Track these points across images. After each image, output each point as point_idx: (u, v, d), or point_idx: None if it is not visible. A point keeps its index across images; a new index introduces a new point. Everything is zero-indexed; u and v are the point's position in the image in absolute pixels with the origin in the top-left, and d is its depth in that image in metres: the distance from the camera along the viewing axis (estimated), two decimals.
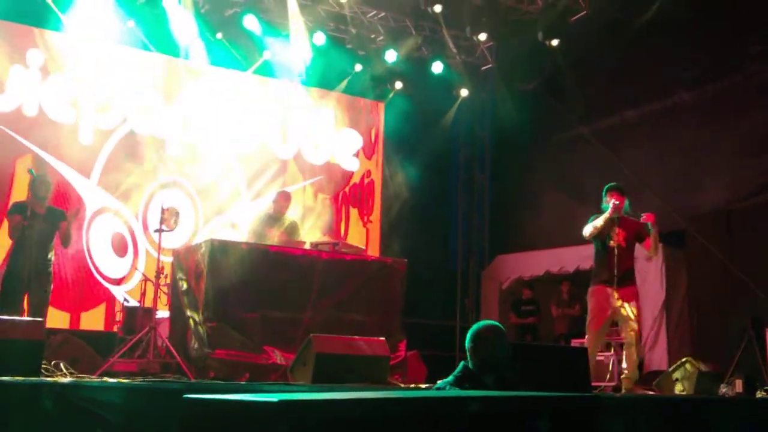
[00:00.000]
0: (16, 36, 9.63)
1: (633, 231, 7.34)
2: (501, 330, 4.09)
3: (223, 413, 2.20)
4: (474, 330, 4.08)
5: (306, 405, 2.12)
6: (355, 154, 12.01)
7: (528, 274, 11.76)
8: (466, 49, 11.95)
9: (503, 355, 4.00)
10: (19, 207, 7.36)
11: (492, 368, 3.96)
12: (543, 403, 2.44)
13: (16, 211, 7.34)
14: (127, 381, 5.37)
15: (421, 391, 3.79)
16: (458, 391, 3.68)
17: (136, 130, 10.16)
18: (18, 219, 7.22)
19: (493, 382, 3.89)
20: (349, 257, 7.98)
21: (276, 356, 7.01)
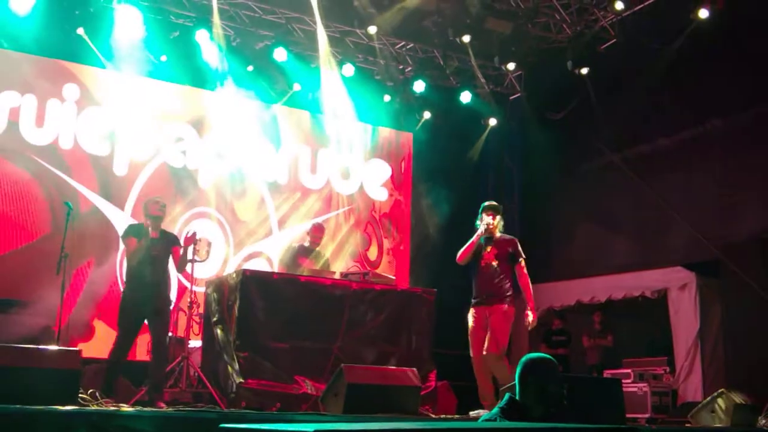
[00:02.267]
0: (52, 71, 9.85)
1: (505, 250, 7.16)
2: (552, 363, 4.05)
3: None
4: (525, 362, 4.05)
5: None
6: (383, 184, 12.05)
7: (559, 303, 11.65)
8: (495, 78, 12.00)
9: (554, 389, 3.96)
10: (134, 230, 7.16)
11: (541, 401, 3.93)
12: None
13: (132, 233, 7.11)
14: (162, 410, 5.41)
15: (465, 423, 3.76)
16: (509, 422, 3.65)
17: (169, 162, 10.29)
18: (134, 242, 7.02)
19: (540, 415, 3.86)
20: (378, 287, 7.97)
21: (307, 386, 7.00)
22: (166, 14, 10.06)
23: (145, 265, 6.91)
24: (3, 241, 9.25)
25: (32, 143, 9.60)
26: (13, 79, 9.55)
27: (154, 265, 6.97)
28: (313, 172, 11.47)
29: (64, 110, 9.82)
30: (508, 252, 7.15)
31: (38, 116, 9.66)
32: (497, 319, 6.98)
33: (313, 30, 10.57)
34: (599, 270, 11.10)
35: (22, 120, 9.56)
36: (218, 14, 9.95)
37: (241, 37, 10.57)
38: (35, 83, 9.69)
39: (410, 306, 7.94)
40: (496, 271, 7.08)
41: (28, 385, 4.88)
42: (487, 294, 7.05)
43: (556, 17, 10.70)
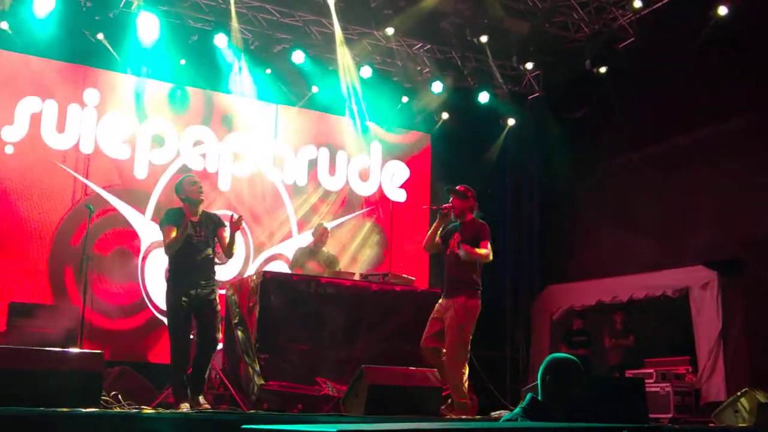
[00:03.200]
0: (73, 76, 9.95)
1: (470, 236, 6.71)
2: (575, 364, 4.04)
3: None
4: (548, 362, 4.04)
5: None
6: (402, 185, 12.04)
7: (579, 304, 11.58)
8: (513, 78, 11.96)
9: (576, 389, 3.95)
10: (172, 216, 6.45)
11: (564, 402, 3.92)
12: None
13: (169, 221, 6.41)
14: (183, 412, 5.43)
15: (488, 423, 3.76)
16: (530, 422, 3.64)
17: (188, 165, 10.35)
18: (172, 230, 6.35)
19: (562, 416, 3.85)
20: (398, 288, 7.98)
21: (328, 387, 7.02)
22: (184, 19, 10.13)
23: (186, 254, 6.36)
24: (25, 245, 9.33)
25: (54, 148, 9.69)
26: (34, 85, 9.66)
27: (196, 253, 6.40)
28: (332, 174, 11.49)
29: (84, 115, 9.91)
30: (472, 237, 6.70)
31: (59, 121, 9.76)
32: (453, 313, 6.54)
33: (330, 32, 10.60)
34: (620, 270, 11.02)
35: (44, 125, 9.66)
36: (236, 18, 10.00)
37: (259, 40, 10.61)
38: (56, 88, 9.80)
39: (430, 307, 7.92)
40: (458, 260, 6.64)
41: (51, 387, 4.91)
42: (448, 284, 6.68)
43: (574, 16, 10.65)
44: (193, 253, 6.39)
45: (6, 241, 9.25)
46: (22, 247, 9.32)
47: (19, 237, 9.33)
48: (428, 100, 11.65)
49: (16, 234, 9.32)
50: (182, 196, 6.52)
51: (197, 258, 6.40)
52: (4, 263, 9.19)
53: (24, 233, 9.37)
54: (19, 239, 9.32)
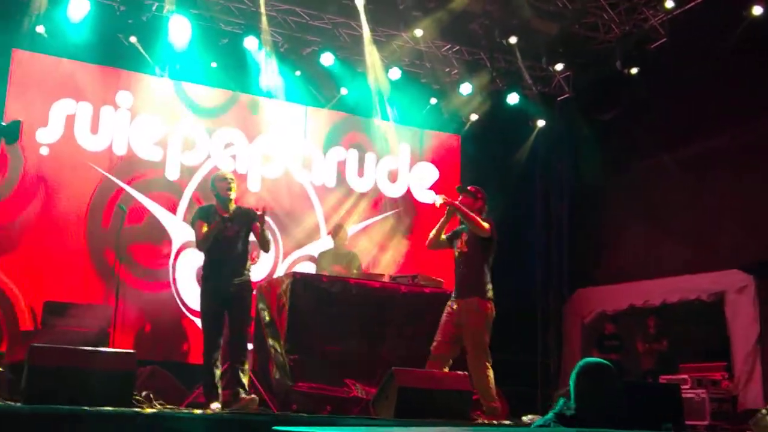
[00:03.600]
0: (106, 78, 10.06)
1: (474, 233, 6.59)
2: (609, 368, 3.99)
3: None
4: (580, 367, 4.00)
5: None
6: (431, 187, 12.02)
7: (611, 308, 11.46)
8: (542, 79, 11.89)
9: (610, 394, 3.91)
10: (203, 212, 6.47)
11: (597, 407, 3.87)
12: None
13: (200, 217, 6.42)
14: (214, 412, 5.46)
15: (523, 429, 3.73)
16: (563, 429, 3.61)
17: (219, 166, 10.42)
18: (202, 226, 6.33)
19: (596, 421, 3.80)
20: (428, 290, 7.97)
21: (357, 389, 7.01)
22: (215, 22, 10.20)
23: (219, 250, 6.32)
24: (59, 245, 9.45)
25: (88, 149, 9.80)
26: (68, 87, 9.78)
27: (228, 248, 6.35)
28: (361, 176, 11.50)
29: (117, 117, 10.02)
30: (476, 235, 6.59)
31: (93, 123, 9.87)
32: (471, 318, 6.45)
33: (359, 34, 10.61)
34: (653, 273, 10.91)
35: (78, 127, 9.78)
36: (266, 21, 10.06)
37: (288, 42, 10.65)
38: (90, 91, 9.91)
39: None
40: (467, 260, 6.59)
41: (84, 386, 4.96)
42: (461, 287, 6.56)
43: (605, 17, 10.56)
44: (225, 249, 6.35)
45: (40, 241, 9.37)
46: (56, 248, 9.43)
47: (53, 237, 9.44)
48: (457, 101, 11.62)
49: (50, 234, 9.44)
50: (214, 192, 6.53)
51: (229, 254, 6.37)
52: (39, 263, 9.30)
53: (58, 233, 9.48)
54: (53, 239, 9.43)
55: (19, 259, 9.24)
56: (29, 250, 9.30)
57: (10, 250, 9.24)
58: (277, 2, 10.09)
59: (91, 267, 9.51)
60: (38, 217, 9.42)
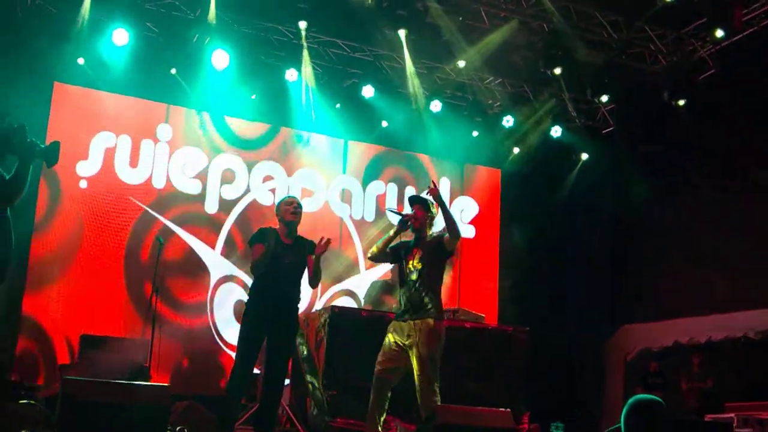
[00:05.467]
0: (146, 111, 10.13)
1: (432, 247, 6.04)
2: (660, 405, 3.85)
3: None
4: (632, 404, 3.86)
5: None
6: (471, 221, 11.88)
7: (656, 345, 11.21)
8: (586, 112, 11.72)
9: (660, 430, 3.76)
10: (263, 235, 6.06)
11: None
12: None
13: (259, 239, 6.03)
14: None
15: None
16: None
17: (259, 200, 10.38)
18: (260, 249, 5.94)
19: None
20: (468, 325, 7.84)
21: (396, 426, 6.86)
22: (256, 55, 10.21)
23: (273, 276, 5.92)
24: (97, 279, 9.45)
25: (127, 182, 9.84)
26: (108, 120, 9.85)
27: (283, 276, 5.95)
28: (401, 210, 11.36)
29: (157, 150, 10.05)
30: (435, 248, 6.07)
31: (132, 156, 9.92)
32: (424, 339, 5.81)
33: (400, 66, 10.57)
34: (698, 310, 10.65)
35: (117, 160, 9.83)
36: (307, 53, 10.06)
37: (329, 74, 10.65)
38: (130, 124, 9.98)
39: (502, 344, 7.76)
40: (423, 278, 5.97)
41: (117, 420, 4.87)
42: (412, 307, 5.90)
43: (651, 47, 10.39)
44: (279, 276, 5.97)
45: (80, 274, 9.40)
46: (95, 280, 9.45)
47: (92, 270, 9.46)
48: (499, 134, 11.49)
49: (89, 267, 9.46)
50: (278, 216, 6.21)
51: (282, 282, 5.99)
52: (78, 295, 9.33)
53: (97, 266, 9.50)
54: (92, 272, 9.45)
55: (57, 292, 9.27)
56: (67, 283, 9.33)
57: (48, 282, 9.27)
58: (317, 34, 10.10)
59: (129, 301, 9.49)
60: (76, 249, 9.44)
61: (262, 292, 5.97)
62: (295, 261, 6.03)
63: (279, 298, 5.94)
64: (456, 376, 7.29)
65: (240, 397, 6.19)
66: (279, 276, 5.92)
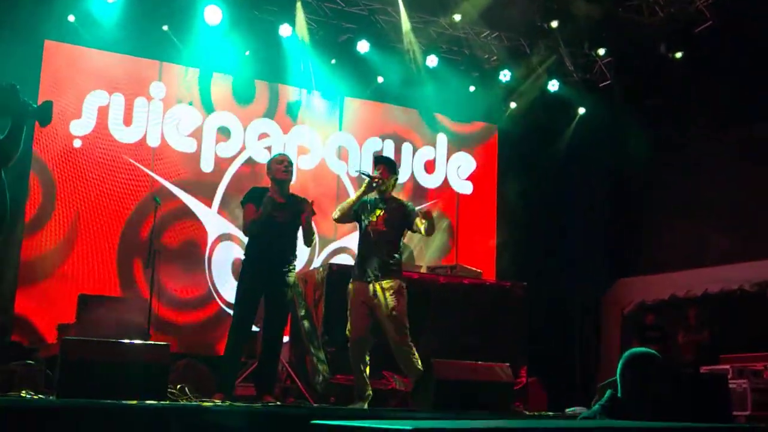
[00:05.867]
0: (139, 69, 10.01)
1: (400, 214, 6.09)
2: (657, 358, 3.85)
3: None
4: (628, 357, 3.86)
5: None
6: (469, 177, 11.85)
7: (652, 298, 11.26)
8: (584, 66, 11.60)
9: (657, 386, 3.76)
10: (255, 194, 6.13)
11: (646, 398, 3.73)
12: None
13: (250, 198, 6.09)
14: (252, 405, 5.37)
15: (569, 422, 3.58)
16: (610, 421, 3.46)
17: (254, 158, 10.34)
18: (252, 209, 5.99)
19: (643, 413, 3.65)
20: (467, 281, 7.88)
21: (395, 381, 6.94)
22: (249, 10, 10.05)
23: (267, 236, 5.98)
24: (93, 238, 9.43)
25: (121, 141, 9.77)
26: (101, 79, 9.74)
27: (278, 235, 6.01)
28: (398, 166, 11.33)
29: (151, 108, 9.97)
30: (402, 218, 6.14)
31: (126, 114, 9.82)
32: (395, 300, 5.95)
33: (395, 21, 10.42)
34: (695, 262, 10.68)
35: (111, 119, 9.74)
36: (301, 8, 9.92)
37: (323, 30, 10.51)
38: (123, 82, 9.86)
39: (500, 300, 7.81)
40: (386, 240, 6.03)
41: (118, 379, 4.90)
42: (379, 267, 5.96)
43: (649, 0, 10.27)
44: (274, 235, 6.02)
45: (75, 234, 9.38)
46: (91, 240, 9.43)
47: (87, 230, 9.44)
48: (496, 89, 11.40)
49: (85, 227, 9.43)
50: (269, 175, 6.23)
51: (278, 241, 6.05)
52: (74, 256, 9.31)
53: (92, 226, 9.47)
54: (87, 232, 9.43)
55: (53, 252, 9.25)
56: (63, 243, 9.30)
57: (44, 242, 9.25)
58: None
59: (126, 259, 9.48)
60: (71, 210, 9.40)
61: (257, 252, 6.03)
62: (288, 219, 6.05)
63: (274, 257, 5.99)
64: (454, 332, 7.36)
65: (239, 355, 6.29)
66: (273, 235, 5.96)
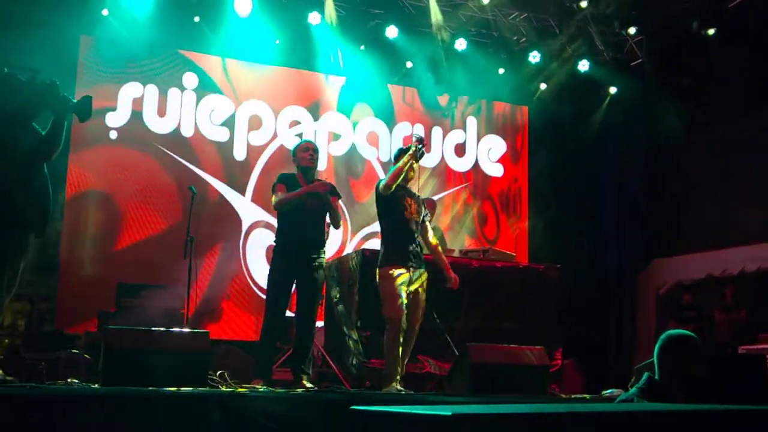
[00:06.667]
0: (172, 60, 10.12)
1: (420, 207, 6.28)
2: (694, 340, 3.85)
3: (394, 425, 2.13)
4: (666, 340, 3.86)
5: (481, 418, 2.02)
6: (499, 159, 11.83)
7: (688, 277, 11.17)
8: (614, 45, 11.49)
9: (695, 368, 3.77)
10: (285, 178, 6.26)
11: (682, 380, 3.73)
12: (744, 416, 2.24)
13: (281, 180, 6.23)
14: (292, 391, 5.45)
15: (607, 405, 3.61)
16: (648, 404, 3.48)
17: (286, 145, 10.42)
18: (282, 188, 6.15)
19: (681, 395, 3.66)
20: (499, 264, 7.88)
21: (430, 365, 6.97)
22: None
23: (296, 221, 6.12)
24: (131, 228, 9.59)
25: (155, 132, 9.90)
26: (135, 70, 9.87)
27: (306, 221, 6.14)
28: (428, 151, 11.35)
29: (184, 98, 10.08)
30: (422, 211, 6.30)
31: (160, 105, 9.95)
32: (422, 286, 6.12)
33: (424, 5, 10.41)
34: (731, 241, 10.57)
35: (145, 109, 9.87)
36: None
37: (352, 16, 10.53)
38: (156, 73, 9.98)
39: (534, 282, 7.80)
40: (416, 228, 6.15)
41: (159, 367, 4.98)
42: (416, 255, 6.09)
43: None
44: (305, 221, 6.16)
45: (113, 225, 9.54)
46: (129, 229, 9.58)
47: (124, 220, 9.60)
48: (526, 70, 11.35)
49: (122, 217, 9.59)
50: (295, 162, 6.37)
51: (309, 227, 6.19)
52: (113, 245, 9.48)
53: (129, 216, 9.62)
54: (125, 221, 9.59)
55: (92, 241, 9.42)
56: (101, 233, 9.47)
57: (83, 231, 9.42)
58: None
59: (163, 248, 9.61)
60: (108, 200, 9.56)
61: (287, 238, 6.17)
62: (316, 205, 6.17)
63: (304, 242, 6.14)
64: (489, 316, 7.38)
65: (275, 340, 6.39)
66: (302, 221, 6.11)
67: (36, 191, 4.63)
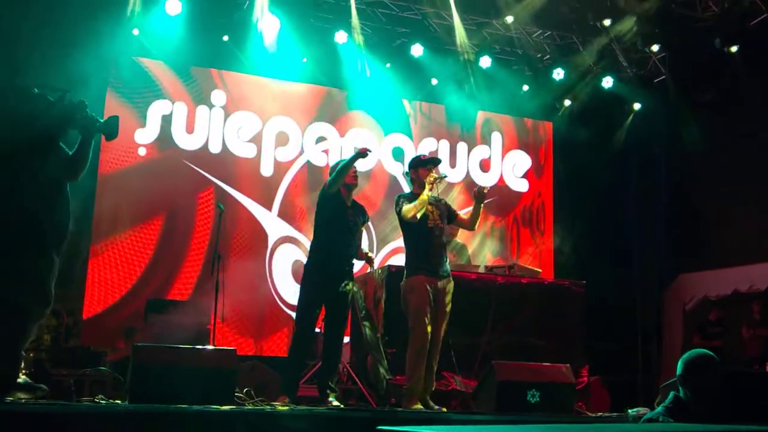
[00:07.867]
0: (200, 78, 10.29)
1: (444, 213, 6.30)
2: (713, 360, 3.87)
3: None
4: (687, 359, 3.89)
5: None
6: (524, 175, 11.85)
7: (715, 293, 11.09)
8: (638, 62, 11.51)
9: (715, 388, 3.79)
10: (333, 196, 6.32)
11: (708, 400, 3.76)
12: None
13: (331, 199, 6.31)
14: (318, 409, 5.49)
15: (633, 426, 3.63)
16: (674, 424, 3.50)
17: (312, 161, 10.51)
18: (331, 207, 6.26)
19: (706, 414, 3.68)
20: (525, 280, 7.84)
21: (456, 382, 6.95)
22: (305, 18, 10.24)
23: (339, 235, 6.21)
24: (159, 243, 9.71)
25: (184, 148, 10.03)
26: (165, 88, 10.04)
27: (349, 237, 6.24)
28: (453, 166, 11.41)
29: (212, 116, 10.22)
30: (447, 215, 6.38)
31: (188, 122, 10.09)
32: (449, 298, 6.12)
33: (449, 24, 10.51)
34: (757, 257, 10.50)
35: (174, 126, 10.02)
36: (356, 14, 10.08)
37: (378, 35, 10.64)
38: (185, 91, 10.15)
39: (559, 299, 7.77)
40: (441, 237, 6.18)
41: (185, 384, 5.03)
42: (441, 264, 6.10)
43: None
44: (346, 237, 6.26)
45: (142, 241, 9.65)
46: (157, 245, 9.69)
47: (152, 235, 9.71)
48: (550, 87, 11.39)
49: (151, 233, 9.70)
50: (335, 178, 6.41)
51: (348, 244, 6.30)
52: (141, 261, 9.60)
53: (158, 232, 9.73)
54: (152, 237, 9.71)
55: (120, 257, 9.54)
56: (129, 249, 9.58)
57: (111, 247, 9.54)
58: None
59: (191, 264, 9.73)
60: (136, 216, 9.68)
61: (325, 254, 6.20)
62: (355, 224, 6.30)
63: (342, 261, 6.21)
64: (514, 332, 7.35)
65: (303, 357, 6.42)
66: (345, 236, 6.20)
67: (58, 211, 4.65)
